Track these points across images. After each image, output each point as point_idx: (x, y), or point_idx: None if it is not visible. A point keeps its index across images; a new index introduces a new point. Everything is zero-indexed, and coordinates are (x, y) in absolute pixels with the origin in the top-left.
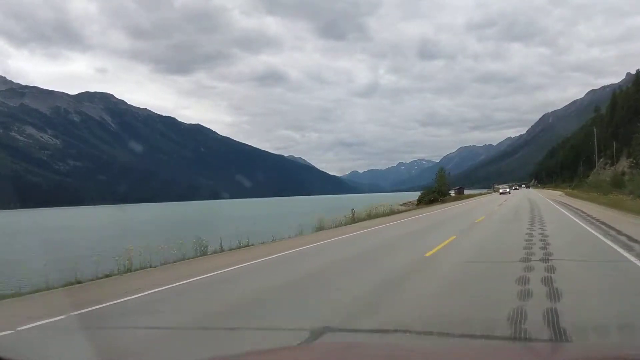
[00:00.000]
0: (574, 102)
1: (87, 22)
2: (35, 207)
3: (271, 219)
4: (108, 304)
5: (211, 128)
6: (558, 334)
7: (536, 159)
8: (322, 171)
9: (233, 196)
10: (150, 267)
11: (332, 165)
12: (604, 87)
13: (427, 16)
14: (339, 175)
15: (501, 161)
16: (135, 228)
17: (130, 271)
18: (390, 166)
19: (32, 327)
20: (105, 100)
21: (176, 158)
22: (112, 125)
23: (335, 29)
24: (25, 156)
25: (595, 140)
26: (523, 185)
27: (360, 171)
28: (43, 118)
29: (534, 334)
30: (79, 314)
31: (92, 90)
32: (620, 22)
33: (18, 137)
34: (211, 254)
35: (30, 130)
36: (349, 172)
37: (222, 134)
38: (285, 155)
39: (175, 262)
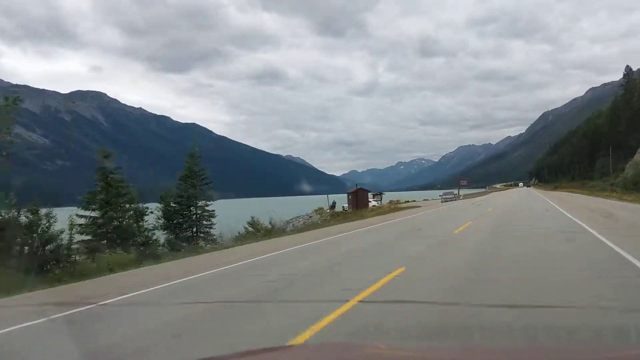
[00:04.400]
0: (575, 100)
1: (80, 19)
2: None
3: None
4: None
5: (208, 127)
6: None
7: (536, 157)
8: (320, 171)
9: (228, 196)
10: None
11: (331, 164)
12: (604, 85)
13: (427, 12)
14: (337, 175)
15: (500, 160)
16: None
17: None
18: (389, 165)
19: None
20: (97, 99)
21: (169, 158)
22: (105, 124)
23: (334, 25)
24: (11, 156)
25: None
26: (521, 184)
27: (360, 170)
28: (33, 117)
29: None
30: None
31: (84, 89)
32: (623, 18)
33: (6, 136)
34: None
35: (18, 129)
36: (347, 171)
37: (219, 134)
38: (283, 155)
39: None
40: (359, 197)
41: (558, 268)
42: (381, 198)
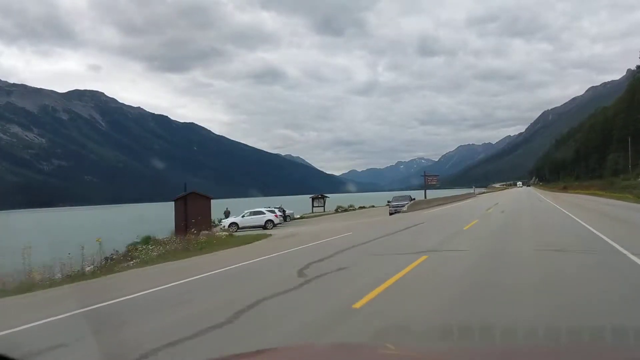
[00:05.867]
0: (574, 99)
1: (77, 17)
2: (4, 209)
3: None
4: None
5: (207, 127)
6: None
7: (536, 156)
8: (319, 170)
9: (225, 196)
10: None
11: (331, 164)
12: (604, 84)
13: (427, 11)
14: (337, 175)
15: (500, 159)
16: None
17: None
18: (389, 165)
19: None
20: (95, 98)
21: (167, 158)
22: (102, 124)
23: (333, 24)
24: (7, 155)
25: None
26: (519, 184)
27: (359, 170)
28: (29, 116)
29: None
30: None
31: (82, 88)
32: (624, 17)
33: (1, 135)
34: None
35: (15, 129)
36: (347, 171)
37: (218, 133)
38: (283, 154)
39: None
40: (188, 209)
41: None
42: (324, 203)
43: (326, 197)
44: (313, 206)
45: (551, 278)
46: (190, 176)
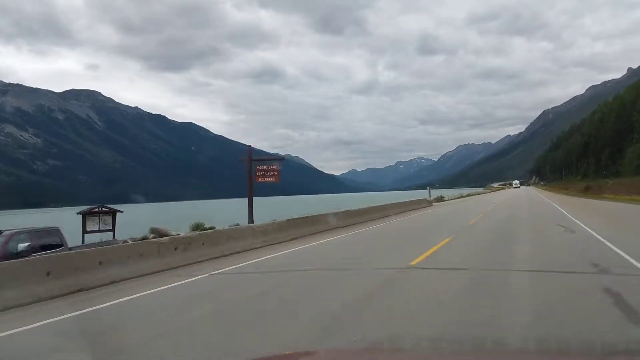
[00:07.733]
0: (575, 98)
1: (74, 16)
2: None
3: None
4: None
5: (206, 126)
6: None
7: (536, 155)
8: (319, 170)
9: (225, 196)
10: None
11: (330, 164)
12: (605, 83)
13: (426, 9)
14: (337, 174)
15: (500, 159)
16: None
17: None
18: (389, 165)
19: None
20: (92, 98)
21: (165, 158)
22: (99, 123)
23: (333, 23)
24: (1, 156)
25: None
26: (516, 183)
27: (359, 170)
28: (25, 116)
29: None
30: None
31: (79, 87)
32: (626, 15)
33: None
34: None
35: (9, 128)
36: (347, 170)
37: (217, 133)
38: (282, 154)
39: None
40: None
41: None
42: (113, 222)
43: (118, 211)
44: (85, 230)
45: None
46: (188, 177)
